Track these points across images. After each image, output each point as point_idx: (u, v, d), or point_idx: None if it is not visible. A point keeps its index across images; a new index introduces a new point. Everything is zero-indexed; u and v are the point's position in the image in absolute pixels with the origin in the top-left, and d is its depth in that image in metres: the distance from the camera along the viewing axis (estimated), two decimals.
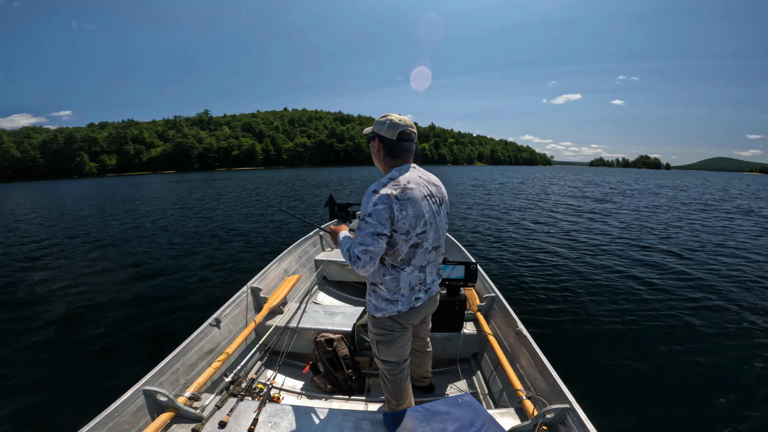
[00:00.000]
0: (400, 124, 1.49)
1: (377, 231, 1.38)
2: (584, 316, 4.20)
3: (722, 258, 6.84)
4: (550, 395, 1.69)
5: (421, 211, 1.44)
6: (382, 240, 1.40)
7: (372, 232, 1.38)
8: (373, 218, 1.38)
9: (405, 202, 1.41)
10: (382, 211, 1.38)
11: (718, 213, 13.72)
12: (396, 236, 1.44)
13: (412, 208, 1.42)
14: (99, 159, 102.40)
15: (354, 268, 1.44)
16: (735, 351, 3.49)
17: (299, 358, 2.59)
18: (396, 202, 1.39)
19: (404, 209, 1.40)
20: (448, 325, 2.44)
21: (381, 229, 1.38)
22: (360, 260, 1.41)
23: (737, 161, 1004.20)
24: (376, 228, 1.38)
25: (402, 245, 1.45)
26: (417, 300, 1.57)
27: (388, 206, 1.38)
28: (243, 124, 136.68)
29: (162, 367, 1.78)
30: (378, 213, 1.38)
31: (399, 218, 1.40)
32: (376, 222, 1.38)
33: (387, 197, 1.39)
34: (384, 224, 1.39)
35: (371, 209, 1.39)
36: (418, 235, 1.46)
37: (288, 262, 3.56)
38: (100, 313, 4.38)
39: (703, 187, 34.21)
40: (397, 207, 1.39)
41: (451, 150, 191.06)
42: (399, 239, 1.44)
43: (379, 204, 1.39)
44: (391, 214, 1.39)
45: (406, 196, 1.41)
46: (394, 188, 1.41)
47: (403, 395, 1.75)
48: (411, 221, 1.43)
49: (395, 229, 1.42)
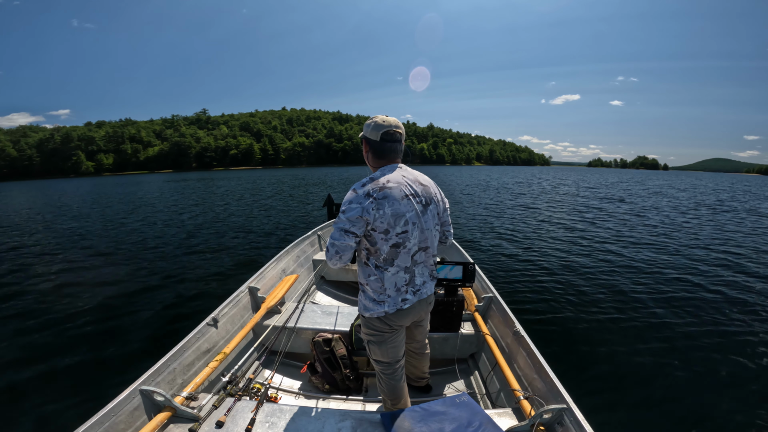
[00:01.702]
0: (384, 125, 1.51)
1: (345, 227, 1.43)
2: (582, 316, 4.22)
3: (719, 256, 6.89)
4: (547, 395, 1.69)
5: (400, 210, 1.44)
6: (350, 237, 1.44)
7: (341, 228, 1.43)
8: (345, 215, 1.43)
9: (382, 201, 1.42)
10: (354, 209, 1.41)
11: (713, 211, 13.82)
12: (375, 235, 1.45)
13: (389, 207, 1.42)
14: (96, 158, 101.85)
15: (327, 261, 1.52)
16: (734, 351, 3.51)
17: (297, 357, 2.58)
18: (372, 202, 1.41)
19: (381, 208, 1.41)
20: (445, 325, 2.44)
21: (349, 226, 1.42)
22: (328, 252, 1.48)
23: (735, 162, 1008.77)
24: (344, 225, 1.43)
25: (382, 244, 1.46)
26: (404, 302, 1.55)
27: (361, 205, 1.41)
28: (241, 124, 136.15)
29: (159, 366, 1.77)
30: (350, 210, 1.42)
31: (376, 217, 1.41)
32: (345, 219, 1.43)
33: (362, 197, 1.42)
34: (353, 222, 1.42)
35: (345, 206, 1.44)
36: (399, 234, 1.46)
37: (286, 262, 3.56)
38: (96, 312, 4.36)
39: (693, 187, 34.34)
40: (373, 206, 1.41)
41: (450, 150, 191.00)
42: (378, 238, 1.45)
43: (354, 202, 1.42)
44: (364, 214, 1.40)
45: (383, 195, 1.42)
46: (372, 187, 1.43)
47: (398, 395, 1.75)
48: (389, 220, 1.43)
49: (373, 228, 1.43)
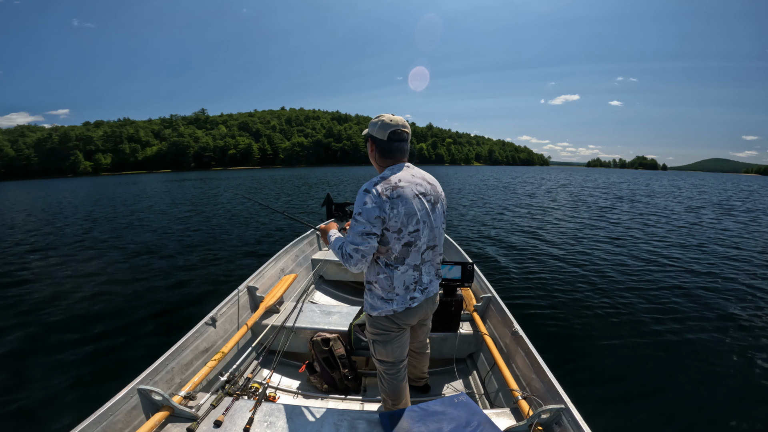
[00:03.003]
0: (391, 125, 1.50)
1: (366, 230, 1.41)
2: (580, 316, 4.22)
3: (719, 256, 6.90)
4: (545, 395, 1.70)
5: (412, 209, 1.45)
6: (372, 239, 1.43)
7: (362, 231, 1.41)
8: (363, 217, 1.41)
9: (396, 201, 1.42)
10: (372, 210, 1.40)
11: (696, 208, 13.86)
12: (388, 234, 1.45)
13: (403, 207, 1.43)
14: (94, 158, 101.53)
15: (347, 266, 1.47)
16: (733, 351, 3.52)
17: (295, 357, 2.58)
18: (386, 201, 1.41)
19: (395, 207, 1.42)
20: (444, 325, 2.44)
21: (370, 228, 1.41)
22: (352, 258, 1.44)
23: (733, 162, 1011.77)
24: (365, 227, 1.41)
25: (394, 244, 1.46)
26: (413, 300, 1.56)
27: (378, 205, 1.40)
28: (240, 123, 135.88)
29: (157, 366, 1.77)
30: (367, 212, 1.40)
31: (390, 216, 1.41)
32: (365, 221, 1.41)
33: (377, 196, 1.41)
34: (373, 223, 1.41)
35: (361, 208, 1.42)
36: (411, 233, 1.47)
37: (284, 262, 3.55)
38: (93, 312, 4.34)
39: (694, 187, 34.40)
40: (387, 206, 1.41)
41: (449, 150, 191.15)
42: (391, 237, 1.45)
43: (369, 203, 1.41)
44: (381, 213, 1.40)
45: (396, 195, 1.42)
46: (385, 187, 1.43)
47: (399, 395, 1.75)
48: (402, 219, 1.43)
49: (387, 227, 1.43)
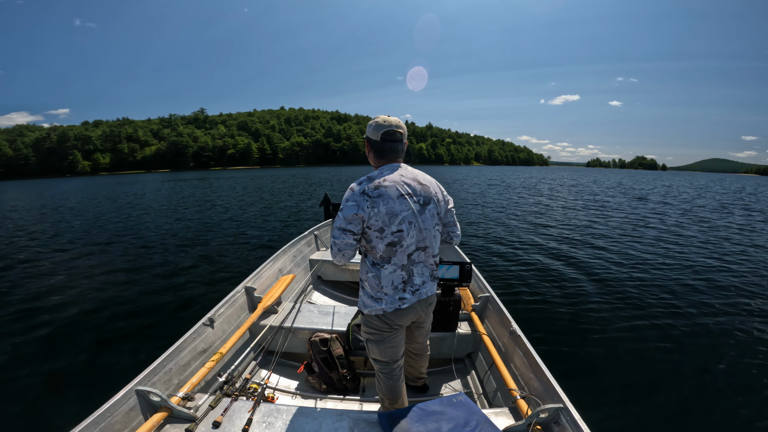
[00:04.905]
0: (384, 125, 1.53)
1: (342, 226, 1.47)
2: (578, 316, 4.23)
3: (719, 256, 6.92)
4: (543, 395, 1.70)
5: (395, 209, 1.45)
6: (348, 236, 1.47)
7: (338, 227, 1.48)
8: (342, 213, 1.46)
9: (376, 200, 1.43)
10: (350, 207, 1.45)
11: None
12: (370, 233, 1.47)
13: (384, 206, 1.44)
14: (92, 157, 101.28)
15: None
16: (735, 351, 3.52)
17: (294, 357, 2.58)
18: (367, 200, 1.43)
19: (376, 206, 1.43)
20: (442, 325, 2.44)
21: (346, 224, 1.46)
22: (332, 250, 1.52)
23: (733, 162, 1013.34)
24: (341, 223, 1.47)
25: (377, 243, 1.47)
26: (402, 300, 1.54)
27: (357, 203, 1.44)
28: (239, 123, 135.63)
29: (155, 366, 1.77)
30: (346, 209, 1.46)
31: (371, 215, 1.43)
32: (342, 217, 1.46)
33: (358, 194, 1.45)
34: (350, 220, 1.45)
35: (342, 205, 1.48)
36: (394, 233, 1.46)
37: (282, 262, 3.55)
38: (91, 312, 4.33)
39: (694, 187, 34.42)
40: (367, 204, 1.43)
41: (449, 150, 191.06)
42: (373, 236, 1.47)
43: (350, 200, 1.46)
44: (359, 211, 1.43)
45: (377, 194, 1.44)
46: (368, 186, 1.46)
47: (396, 395, 1.75)
48: (384, 219, 1.44)
49: (368, 225, 1.46)
